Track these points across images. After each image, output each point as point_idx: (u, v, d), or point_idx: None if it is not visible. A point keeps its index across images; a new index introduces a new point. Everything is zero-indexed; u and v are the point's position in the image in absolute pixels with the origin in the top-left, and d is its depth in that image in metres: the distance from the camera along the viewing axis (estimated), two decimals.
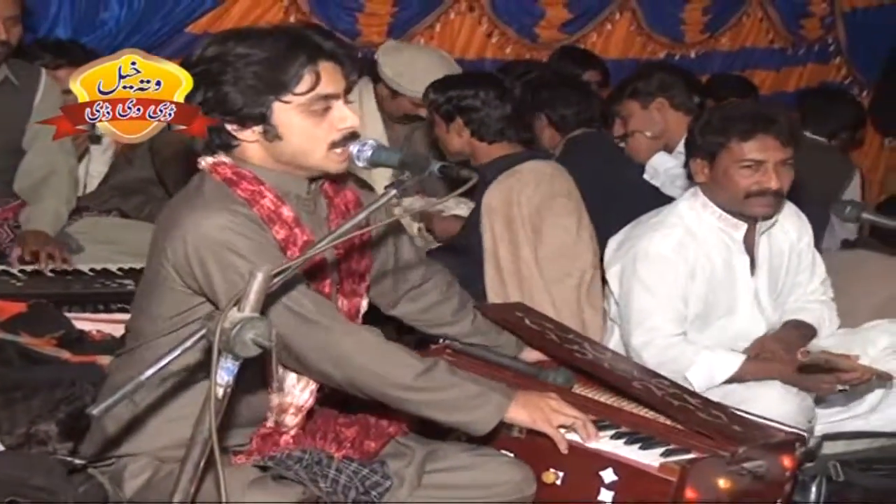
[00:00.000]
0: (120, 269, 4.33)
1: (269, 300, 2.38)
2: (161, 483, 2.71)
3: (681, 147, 5.26)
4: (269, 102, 2.75)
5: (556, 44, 7.09)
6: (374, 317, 3.24)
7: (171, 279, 2.78)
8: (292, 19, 5.98)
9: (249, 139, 2.81)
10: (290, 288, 2.69)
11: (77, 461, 2.86)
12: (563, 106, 5.32)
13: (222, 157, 2.84)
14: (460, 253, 4.58)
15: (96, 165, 5.34)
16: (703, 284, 3.97)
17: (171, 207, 2.88)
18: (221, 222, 2.71)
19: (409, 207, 4.90)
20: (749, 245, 4.03)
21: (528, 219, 4.45)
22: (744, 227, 3.99)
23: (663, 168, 5.26)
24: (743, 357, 3.89)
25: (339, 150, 2.81)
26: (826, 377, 3.74)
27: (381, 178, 4.75)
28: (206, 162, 2.85)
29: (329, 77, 2.78)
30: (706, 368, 3.85)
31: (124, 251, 4.50)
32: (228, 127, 2.78)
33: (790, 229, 4.13)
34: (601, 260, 4.42)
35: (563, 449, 2.95)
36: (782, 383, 3.81)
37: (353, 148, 2.79)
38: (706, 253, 3.97)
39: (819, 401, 3.99)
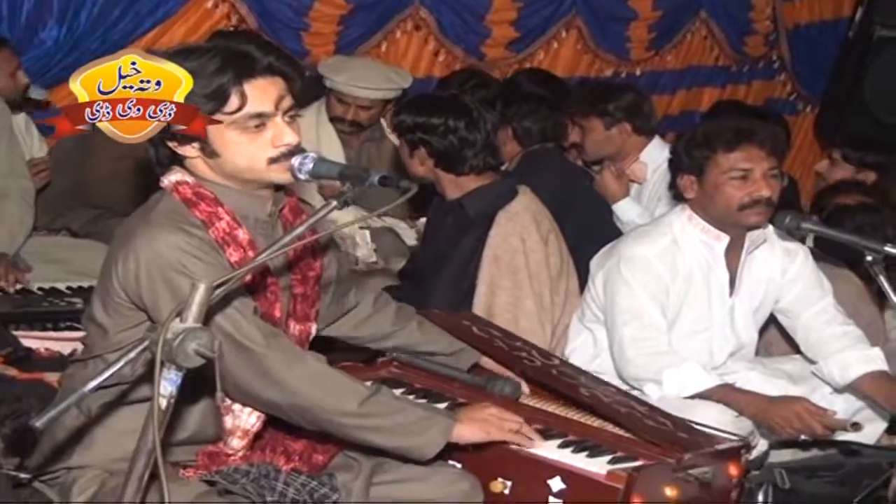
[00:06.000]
0: (69, 288, 4.32)
1: (211, 327, 2.37)
2: (108, 496, 2.69)
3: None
4: None
5: (503, 62, 7.15)
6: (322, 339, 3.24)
7: (117, 295, 2.77)
8: None
9: (191, 155, 2.81)
10: (233, 314, 2.69)
11: (23, 475, 2.86)
12: (531, 120, 5.30)
13: (185, 176, 2.83)
14: (420, 282, 4.42)
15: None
16: (681, 294, 4.01)
17: (128, 224, 2.86)
18: (175, 241, 2.71)
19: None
20: (732, 264, 4.06)
21: (535, 267, 4.26)
22: (726, 239, 4.01)
23: (626, 218, 5.29)
24: (719, 380, 3.86)
25: (280, 164, 2.79)
26: (797, 426, 3.72)
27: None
28: (168, 180, 2.84)
29: (262, 94, 2.76)
30: (684, 377, 3.83)
31: (73, 270, 4.49)
32: (169, 143, 2.79)
33: (774, 263, 4.15)
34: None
35: (533, 446, 2.99)
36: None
37: (295, 161, 2.76)
38: (688, 264, 4.01)
39: None
